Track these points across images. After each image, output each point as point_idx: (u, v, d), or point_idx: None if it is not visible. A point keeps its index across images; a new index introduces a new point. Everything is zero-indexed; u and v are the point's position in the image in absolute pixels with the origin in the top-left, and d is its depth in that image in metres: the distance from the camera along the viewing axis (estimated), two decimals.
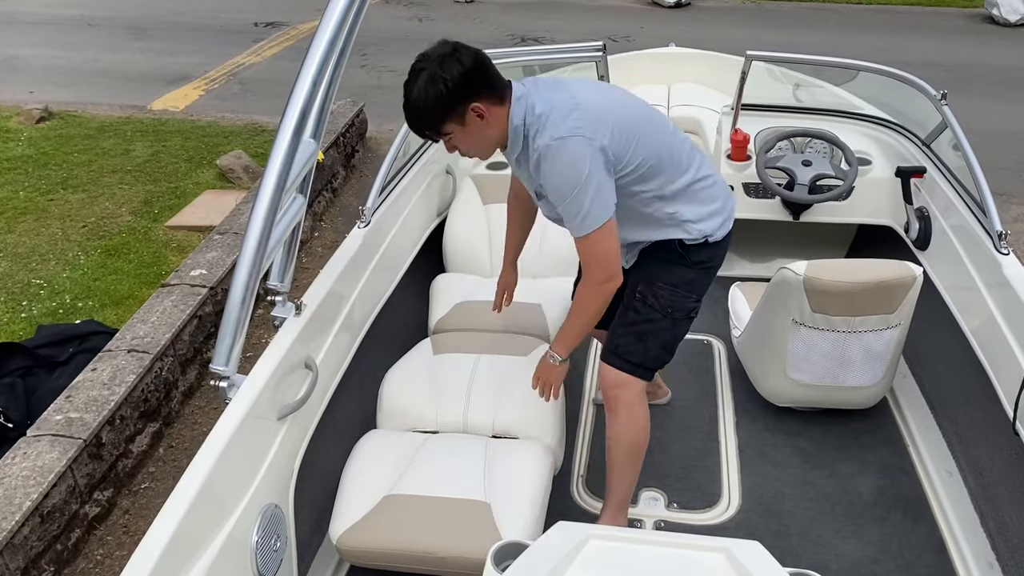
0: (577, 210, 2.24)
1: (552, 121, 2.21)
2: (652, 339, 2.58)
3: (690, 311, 2.60)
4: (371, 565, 2.47)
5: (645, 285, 2.56)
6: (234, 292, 2.03)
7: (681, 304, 2.56)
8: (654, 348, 2.59)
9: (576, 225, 2.27)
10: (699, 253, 2.52)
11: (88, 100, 7.67)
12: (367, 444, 2.69)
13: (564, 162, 2.20)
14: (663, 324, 2.57)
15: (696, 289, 2.58)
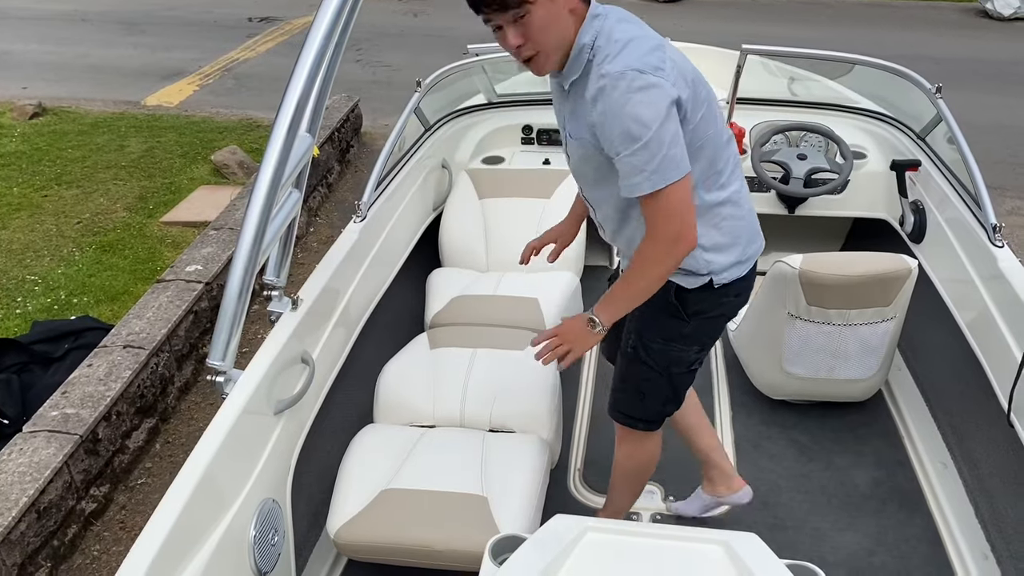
0: (647, 160, 1.86)
1: (631, 52, 1.87)
2: (651, 397, 2.38)
3: (691, 363, 2.33)
4: (369, 559, 2.47)
5: (637, 337, 2.31)
6: (230, 287, 2.03)
7: (679, 358, 2.29)
8: (654, 404, 2.40)
9: (641, 180, 1.89)
10: (698, 301, 2.19)
11: (81, 96, 7.65)
12: (364, 438, 2.69)
13: (637, 100, 1.83)
14: (661, 382, 2.33)
15: (697, 340, 2.29)
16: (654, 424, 2.45)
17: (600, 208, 2.23)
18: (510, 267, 3.66)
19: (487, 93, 4.42)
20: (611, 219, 2.22)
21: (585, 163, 2.10)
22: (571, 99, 2.03)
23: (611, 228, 2.26)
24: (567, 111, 2.08)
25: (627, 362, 2.38)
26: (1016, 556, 2.50)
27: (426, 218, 3.83)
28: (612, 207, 2.17)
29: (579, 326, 2.12)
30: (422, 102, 3.74)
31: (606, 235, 2.34)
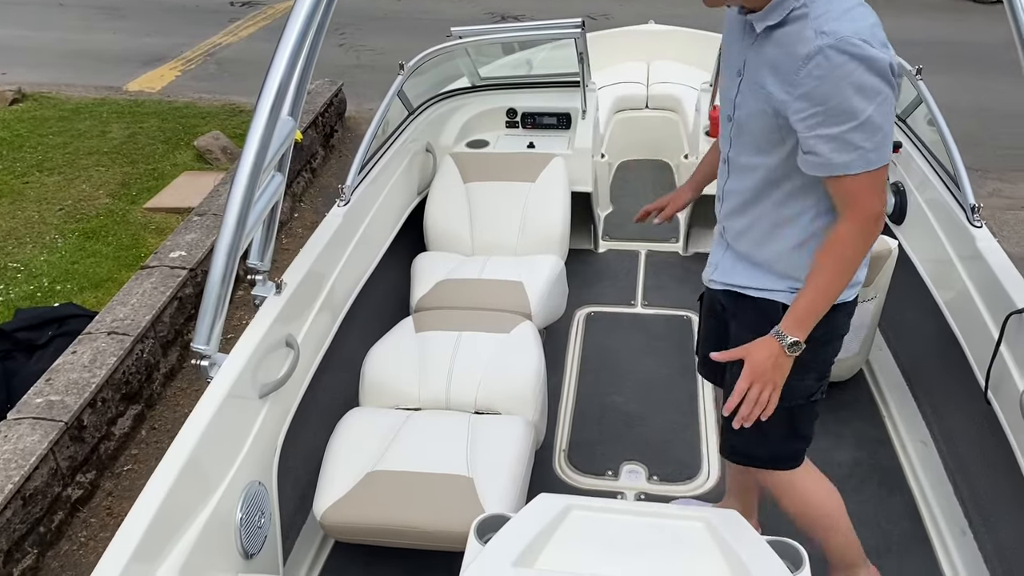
0: (867, 137, 1.71)
1: (856, 19, 1.71)
2: (773, 433, 2.07)
3: (812, 392, 2.09)
4: (356, 540, 2.49)
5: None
6: (214, 271, 2.03)
7: (795, 389, 2.01)
8: (778, 440, 2.12)
9: (856, 158, 1.73)
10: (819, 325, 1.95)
11: (62, 81, 7.57)
12: (350, 421, 2.70)
13: (864, 71, 1.67)
14: (778, 416, 1.99)
15: (814, 368, 2.05)
16: (789, 462, 2.19)
17: (740, 176, 2.01)
18: (495, 251, 3.67)
19: (471, 76, 4.42)
20: (744, 192, 2.00)
21: (755, 119, 1.88)
22: (762, 44, 1.83)
23: (736, 202, 2.04)
24: (751, 54, 1.87)
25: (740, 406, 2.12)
26: (993, 531, 2.54)
27: (410, 202, 3.83)
28: (757, 178, 1.96)
29: (771, 357, 1.88)
30: (405, 85, 3.73)
31: (722, 208, 2.11)
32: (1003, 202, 5.39)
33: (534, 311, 3.21)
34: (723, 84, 2.03)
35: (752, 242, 2.05)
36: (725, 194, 2.08)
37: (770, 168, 1.92)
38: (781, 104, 1.79)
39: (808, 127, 1.75)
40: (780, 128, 1.83)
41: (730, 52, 1.97)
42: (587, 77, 4.17)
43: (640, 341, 3.72)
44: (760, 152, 1.92)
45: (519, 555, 1.69)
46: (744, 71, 1.90)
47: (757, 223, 2.01)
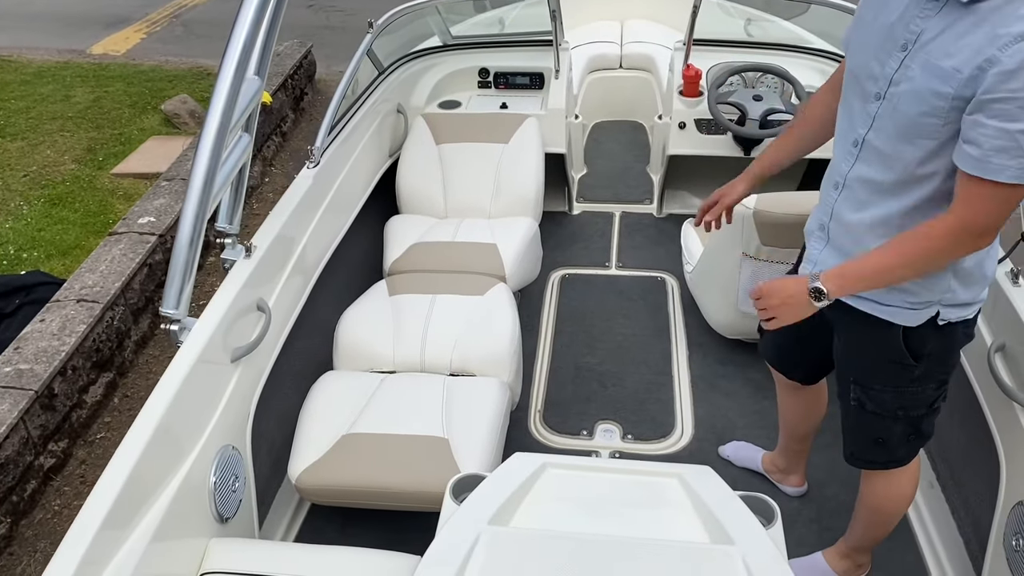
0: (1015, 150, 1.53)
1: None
2: (892, 441, 2.08)
3: (932, 401, 2.01)
4: (331, 503, 2.49)
5: (858, 388, 2.03)
6: (181, 233, 2.00)
7: (915, 399, 1.98)
8: (899, 447, 2.09)
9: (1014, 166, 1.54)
10: (930, 341, 1.89)
11: (23, 44, 7.38)
12: (323, 385, 2.69)
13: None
14: (899, 426, 2.02)
15: (934, 379, 1.96)
16: (905, 460, 2.15)
17: (878, 164, 1.78)
18: (468, 213, 3.65)
19: (442, 35, 4.35)
20: (879, 183, 1.79)
21: (921, 99, 1.65)
22: (957, 17, 1.60)
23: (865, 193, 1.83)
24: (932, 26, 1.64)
25: (854, 414, 2.10)
26: (960, 484, 2.59)
27: (382, 164, 3.79)
28: (899, 170, 1.75)
29: (796, 292, 1.83)
30: (375, 45, 3.67)
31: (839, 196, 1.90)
32: None
33: (508, 273, 3.20)
34: (867, 58, 1.77)
35: (867, 244, 1.83)
36: (849, 181, 1.85)
37: (917, 160, 1.71)
38: (968, 82, 1.56)
39: (987, 110, 1.54)
40: (949, 111, 1.61)
41: (887, 20, 1.72)
42: (560, 36, 4.13)
43: (614, 302, 3.73)
44: (911, 139, 1.70)
45: (494, 513, 1.70)
46: (916, 45, 1.65)
47: (882, 223, 1.81)
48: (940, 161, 1.69)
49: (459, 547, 1.61)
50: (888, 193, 1.78)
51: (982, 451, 2.37)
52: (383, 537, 2.53)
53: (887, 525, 2.30)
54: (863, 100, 1.79)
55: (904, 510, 2.28)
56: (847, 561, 2.46)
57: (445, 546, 1.63)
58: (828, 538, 2.61)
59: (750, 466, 2.89)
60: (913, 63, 1.66)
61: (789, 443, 2.72)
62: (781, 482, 2.82)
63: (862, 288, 1.81)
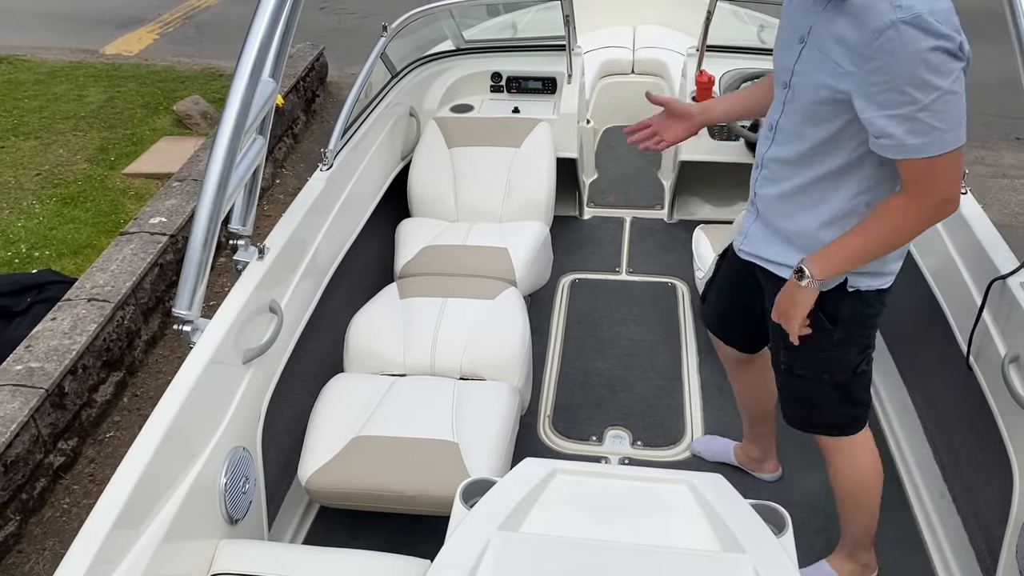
0: (941, 118, 1.67)
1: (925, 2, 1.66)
2: (823, 404, 2.18)
3: (856, 366, 2.12)
4: (340, 505, 2.49)
5: (786, 353, 2.14)
6: (195, 234, 2.00)
7: (839, 363, 2.10)
8: (832, 411, 2.19)
9: (930, 142, 1.69)
10: (848, 305, 2.03)
11: (37, 44, 7.42)
12: (334, 387, 2.69)
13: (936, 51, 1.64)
14: (827, 389, 2.14)
15: (855, 343, 2.09)
16: (847, 428, 2.24)
17: (785, 144, 1.97)
18: (479, 217, 3.65)
19: (455, 39, 4.36)
20: (786, 161, 1.98)
21: (813, 88, 1.83)
22: (832, 13, 1.77)
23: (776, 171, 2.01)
24: (819, 21, 1.81)
25: (783, 378, 2.23)
26: (971, 495, 2.57)
27: (394, 167, 3.79)
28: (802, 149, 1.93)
29: (789, 288, 1.97)
30: (388, 48, 3.68)
31: (759, 175, 2.09)
32: (986, 170, 5.41)
33: (519, 277, 3.20)
34: (780, 48, 1.97)
35: (783, 214, 2.03)
36: (765, 161, 2.05)
37: (818, 140, 1.88)
38: (848, 77, 1.73)
39: (878, 105, 1.70)
40: (836, 102, 1.79)
41: (793, 16, 1.92)
42: (573, 41, 4.13)
43: (624, 308, 3.72)
44: (811, 122, 1.88)
45: (505, 519, 1.70)
46: (808, 38, 1.84)
47: (793, 195, 1.99)
48: (843, 138, 1.85)
49: (470, 552, 1.60)
50: (797, 167, 1.95)
51: (995, 462, 2.36)
52: (392, 540, 2.53)
53: (867, 509, 2.35)
54: (779, 88, 1.98)
55: (875, 490, 2.32)
56: (851, 563, 2.46)
57: (455, 551, 1.63)
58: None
59: (723, 459, 2.91)
60: (807, 55, 1.84)
61: (752, 426, 2.75)
62: (757, 471, 2.86)
63: (843, 266, 1.92)
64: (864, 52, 1.68)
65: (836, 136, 1.85)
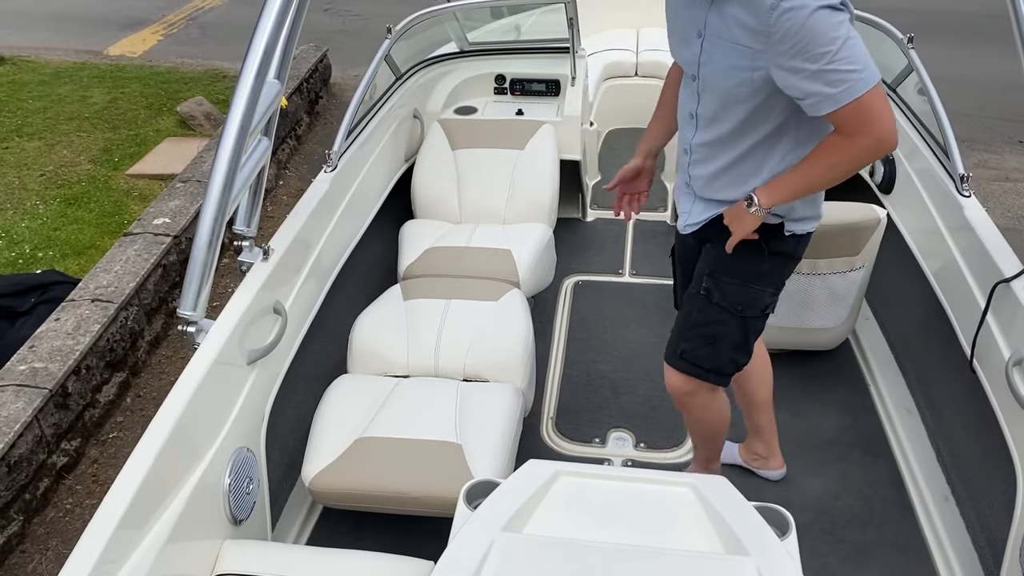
0: (849, 63, 1.81)
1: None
2: (722, 342, 2.29)
3: (766, 307, 2.28)
4: (344, 506, 2.49)
5: (711, 279, 2.25)
6: (200, 235, 2.00)
7: (754, 300, 2.25)
8: (725, 351, 2.30)
9: (843, 90, 1.82)
10: (782, 242, 2.21)
11: (41, 45, 7.44)
12: (338, 388, 2.69)
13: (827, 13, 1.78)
14: (733, 324, 2.26)
15: (772, 282, 2.26)
16: (725, 377, 2.36)
17: (709, 128, 2.12)
18: (483, 218, 3.65)
19: (459, 41, 4.36)
20: (714, 143, 2.13)
21: (726, 73, 1.97)
22: (722, 5, 1.92)
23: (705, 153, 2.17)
24: (712, 15, 1.95)
25: (698, 306, 2.29)
26: (975, 497, 2.57)
27: (398, 168, 3.80)
28: (727, 129, 2.08)
29: (737, 208, 2.13)
30: (393, 50, 3.68)
31: (689, 159, 2.23)
32: (989, 173, 5.41)
33: (522, 279, 3.20)
34: (677, 45, 2.13)
35: (723, 187, 2.19)
36: (693, 147, 2.20)
37: (741, 119, 2.04)
38: (759, 55, 1.89)
39: (793, 71, 1.85)
40: (752, 81, 1.94)
41: (682, 17, 2.08)
42: (577, 43, 4.13)
43: (628, 310, 3.72)
44: (731, 105, 2.04)
45: (508, 520, 1.70)
46: (706, 31, 2.00)
47: (727, 170, 2.15)
48: (763, 111, 2.01)
49: (473, 553, 1.60)
50: (726, 145, 2.11)
51: (998, 465, 2.36)
52: (395, 541, 2.53)
53: (719, 439, 2.63)
54: (689, 81, 2.14)
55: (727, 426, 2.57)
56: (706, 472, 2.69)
57: (459, 552, 1.63)
58: (842, 549, 2.60)
59: (729, 461, 2.91)
60: (710, 47, 1.99)
61: (752, 415, 2.80)
62: (762, 468, 2.88)
63: (789, 197, 2.07)
64: (765, 29, 1.84)
65: (757, 111, 2.01)
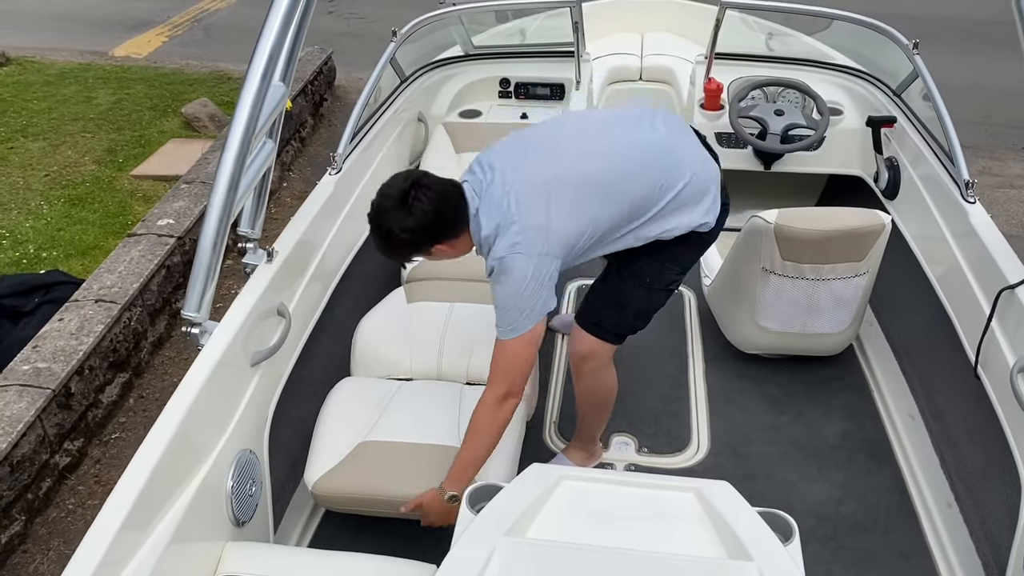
0: (506, 319, 2.22)
1: (495, 241, 2.20)
2: (628, 307, 2.56)
3: (671, 283, 2.55)
4: (346, 510, 2.49)
5: (623, 256, 2.50)
6: (205, 237, 2.01)
7: (660, 275, 2.51)
8: (628, 316, 2.58)
9: (501, 330, 2.25)
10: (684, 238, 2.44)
11: (47, 45, 7.44)
12: (341, 390, 2.69)
13: (505, 279, 2.19)
14: (639, 293, 2.53)
15: (679, 262, 2.52)
16: (620, 338, 2.61)
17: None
18: None
19: (464, 45, 4.37)
20: None
21: None
22: None
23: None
24: None
25: (610, 279, 2.56)
26: (978, 504, 2.56)
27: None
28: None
29: (433, 500, 2.29)
30: (398, 53, 3.68)
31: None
32: (993, 180, 5.40)
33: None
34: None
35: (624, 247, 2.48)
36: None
37: None
38: None
39: None
40: None
41: None
42: (582, 47, 4.13)
43: None
44: None
45: (511, 524, 1.69)
46: None
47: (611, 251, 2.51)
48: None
49: (476, 558, 1.60)
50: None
51: (1002, 471, 2.35)
52: (397, 544, 2.52)
53: (605, 412, 2.82)
54: None
55: (613, 398, 2.77)
56: (583, 452, 2.91)
57: (462, 556, 1.62)
58: (845, 556, 2.60)
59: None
60: None
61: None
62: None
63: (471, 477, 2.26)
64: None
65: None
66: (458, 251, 2.32)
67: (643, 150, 2.30)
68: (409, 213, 2.14)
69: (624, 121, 2.39)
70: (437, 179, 2.25)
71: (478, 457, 2.28)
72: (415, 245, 2.23)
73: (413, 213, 2.14)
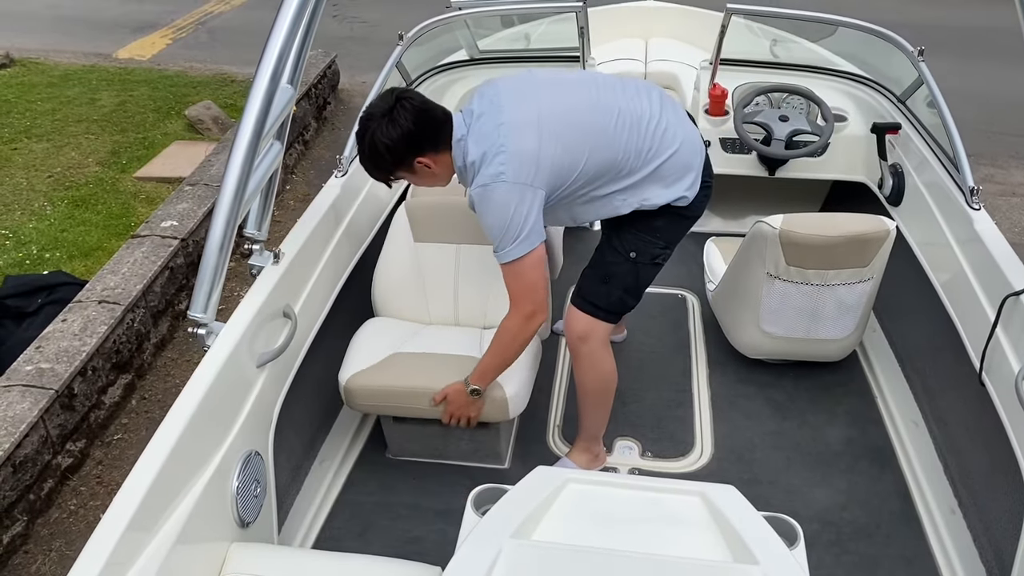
0: (504, 245, 2.30)
1: (480, 169, 2.28)
2: (615, 282, 2.61)
3: (655, 256, 2.60)
4: (374, 409, 2.77)
5: (612, 230, 2.60)
6: (212, 238, 2.01)
7: (646, 249, 2.57)
8: (616, 291, 2.62)
9: (502, 254, 2.33)
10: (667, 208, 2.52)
11: (51, 47, 7.46)
12: (370, 326, 2.93)
13: (488, 208, 2.27)
14: (626, 267, 2.58)
15: (664, 236, 2.57)
16: (613, 315, 2.67)
17: None
18: None
19: (469, 49, 4.37)
20: None
21: None
22: None
23: None
24: None
25: (599, 251, 2.65)
26: (982, 510, 2.56)
27: None
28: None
29: (458, 393, 2.55)
30: (404, 56, 3.69)
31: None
32: (996, 188, 5.41)
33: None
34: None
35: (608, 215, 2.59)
36: None
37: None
38: None
39: None
40: None
41: None
42: (587, 53, 4.14)
43: (634, 319, 3.70)
44: None
45: (516, 527, 1.70)
46: None
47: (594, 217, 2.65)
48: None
49: (481, 560, 1.60)
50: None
51: (1006, 478, 2.35)
52: (402, 546, 2.53)
53: (605, 406, 2.82)
54: None
55: (612, 388, 2.78)
56: (587, 454, 2.90)
57: (467, 558, 1.62)
58: (848, 561, 2.59)
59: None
60: None
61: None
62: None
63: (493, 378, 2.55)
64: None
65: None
66: (439, 171, 2.39)
67: (639, 115, 2.40)
68: (392, 122, 2.25)
69: (629, 87, 2.48)
70: (422, 96, 2.35)
71: (503, 362, 2.50)
72: (398, 156, 2.31)
73: (396, 122, 2.25)
